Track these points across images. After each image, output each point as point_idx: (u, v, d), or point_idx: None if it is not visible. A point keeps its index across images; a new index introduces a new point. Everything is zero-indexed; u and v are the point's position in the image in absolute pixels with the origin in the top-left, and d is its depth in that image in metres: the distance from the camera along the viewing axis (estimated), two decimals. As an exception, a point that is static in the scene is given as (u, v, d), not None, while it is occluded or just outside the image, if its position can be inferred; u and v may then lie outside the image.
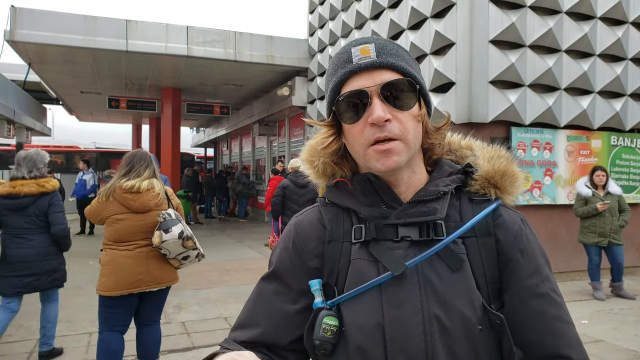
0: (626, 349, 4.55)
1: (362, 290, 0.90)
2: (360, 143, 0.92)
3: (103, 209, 3.42)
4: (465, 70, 6.67)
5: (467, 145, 1.07)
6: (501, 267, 0.93)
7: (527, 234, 0.96)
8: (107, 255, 3.42)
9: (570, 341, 0.90)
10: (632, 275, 7.77)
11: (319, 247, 0.98)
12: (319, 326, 0.90)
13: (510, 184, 0.98)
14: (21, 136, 15.35)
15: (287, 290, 0.99)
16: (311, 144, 1.08)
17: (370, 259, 0.93)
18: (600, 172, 6.36)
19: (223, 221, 16.28)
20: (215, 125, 21.55)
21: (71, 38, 9.28)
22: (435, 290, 0.89)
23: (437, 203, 0.93)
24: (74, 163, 19.28)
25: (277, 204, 6.26)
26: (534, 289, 0.92)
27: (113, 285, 3.32)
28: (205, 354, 4.14)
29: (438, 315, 0.87)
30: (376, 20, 8.78)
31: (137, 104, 14.24)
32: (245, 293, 6.57)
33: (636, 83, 7.67)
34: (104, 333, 3.38)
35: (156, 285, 3.47)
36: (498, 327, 0.88)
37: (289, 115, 13.62)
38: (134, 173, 3.42)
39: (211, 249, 10.30)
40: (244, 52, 10.60)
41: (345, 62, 0.93)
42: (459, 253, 0.91)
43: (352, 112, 0.92)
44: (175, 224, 3.39)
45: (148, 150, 3.89)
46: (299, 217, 1.06)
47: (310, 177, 1.10)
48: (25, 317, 5.44)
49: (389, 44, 0.94)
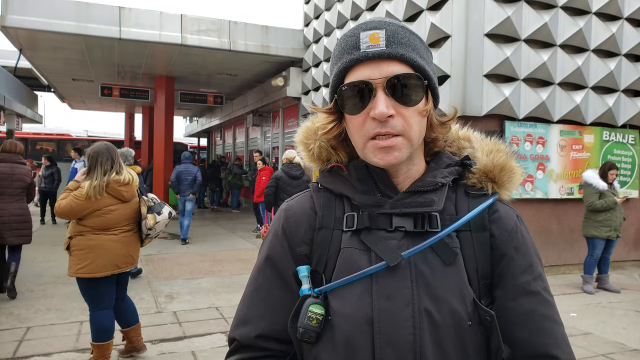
0: (614, 342, 4.61)
1: (354, 279, 0.88)
2: (360, 135, 0.90)
3: (92, 205, 3.52)
4: (460, 64, 6.66)
5: (465, 136, 1.05)
6: (494, 263, 0.92)
7: (522, 230, 0.95)
8: (90, 240, 3.55)
9: (559, 342, 0.89)
10: (620, 270, 7.86)
11: (309, 234, 0.96)
12: (304, 314, 0.88)
13: (508, 179, 0.97)
14: (12, 123, 15.21)
15: (282, 277, 0.96)
16: (308, 126, 1.05)
17: (362, 248, 0.90)
18: (615, 170, 6.41)
19: (216, 211, 16.25)
20: (209, 115, 21.43)
21: (63, 24, 9.15)
22: (427, 283, 0.87)
23: (435, 194, 0.91)
24: (66, 151, 19.11)
25: (270, 195, 6.26)
26: (526, 287, 0.90)
27: (100, 267, 3.54)
28: (197, 343, 4.14)
29: (428, 308, 0.85)
30: (372, 11, 8.74)
31: (130, 92, 14.11)
32: (237, 283, 6.60)
33: (629, 79, 7.71)
34: (95, 312, 3.63)
35: (132, 265, 3.80)
36: (488, 323, 0.87)
37: (283, 106, 13.56)
38: (117, 166, 3.65)
39: (203, 239, 10.30)
40: (238, 41, 10.52)
41: (352, 48, 0.88)
42: (453, 247, 0.89)
43: (355, 102, 0.88)
44: (163, 207, 3.82)
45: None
46: (289, 202, 1.03)
47: (304, 160, 1.07)
48: (15, 305, 5.42)
49: (401, 31, 0.88)
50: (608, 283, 6.54)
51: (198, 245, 9.48)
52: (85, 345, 4.24)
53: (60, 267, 7.36)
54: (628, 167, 7.98)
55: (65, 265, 7.42)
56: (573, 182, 7.49)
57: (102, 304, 3.64)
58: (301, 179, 6.29)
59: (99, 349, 3.62)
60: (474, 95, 6.65)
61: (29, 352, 4.15)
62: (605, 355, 4.29)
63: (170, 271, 7.07)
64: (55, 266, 7.44)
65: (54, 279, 6.68)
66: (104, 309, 3.65)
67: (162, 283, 6.40)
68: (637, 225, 8.15)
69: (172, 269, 7.21)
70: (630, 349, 4.45)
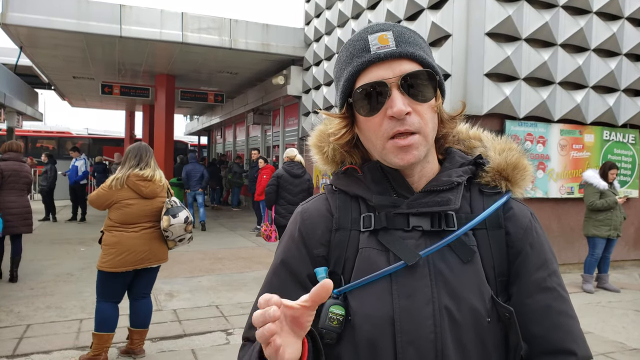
0: (613, 341, 4.62)
1: (373, 279, 0.89)
2: (378, 136, 0.90)
3: (114, 195, 3.79)
4: (461, 62, 6.66)
5: (475, 135, 1.06)
6: (510, 260, 0.93)
7: (537, 228, 0.96)
8: (114, 236, 3.78)
9: (575, 337, 0.90)
10: (620, 269, 7.87)
11: (326, 235, 0.96)
12: (325, 315, 0.88)
13: (522, 177, 0.98)
14: (12, 120, 15.21)
15: (297, 280, 0.96)
16: (321, 129, 1.06)
17: (380, 248, 0.91)
18: (615, 169, 6.42)
19: (216, 210, 16.25)
20: (210, 113, 21.41)
21: (64, 22, 9.14)
22: (446, 281, 0.88)
23: (451, 193, 0.92)
24: (66, 149, 19.12)
25: (271, 193, 6.25)
26: (542, 283, 0.92)
27: (120, 263, 3.73)
28: (197, 341, 4.14)
29: (448, 306, 0.86)
30: (373, 10, 8.73)
31: (130, 90, 14.10)
32: (237, 281, 6.60)
33: (630, 78, 7.70)
34: (101, 303, 3.81)
35: (155, 262, 3.94)
36: (506, 320, 0.88)
37: (284, 105, 13.55)
38: (143, 163, 3.87)
39: (204, 237, 10.30)
40: (239, 39, 10.51)
41: (362, 51, 0.89)
42: (470, 245, 0.90)
43: (371, 103, 0.89)
44: (181, 210, 3.92)
45: (142, 138, 4.15)
46: (305, 205, 1.04)
47: (318, 163, 1.07)
48: (15, 303, 5.43)
49: (406, 32, 0.91)
50: (608, 282, 6.55)
51: (198, 244, 9.48)
52: (85, 343, 4.25)
53: (60, 265, 7.38)
54: (628, 166, 7.98)
55: (64, 263, 7.49)
56: (573, 182, 7.49)
57: (111, 297, 3.83)
58: (302, 178, 6.28)
59: (99, 339, 3.78)
60: (475, 94, 6.65)
61: (28, 349, 4.15)
62: (605, 354, 4.29)
63: (171, 269, 7.07)
64: (55, 264, 7.45)
65: (54, 277, 6.69)
66: (111, 302, 3.83)
67: (162, 281, 6.40)
68: (637, 224, 8.15)
69: (172, 267, 7.21)
70: (630, 348, 4.46)
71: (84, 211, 12.55)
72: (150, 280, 4.07)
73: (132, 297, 4.01)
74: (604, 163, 6.57)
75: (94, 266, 4.09)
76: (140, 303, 4.01)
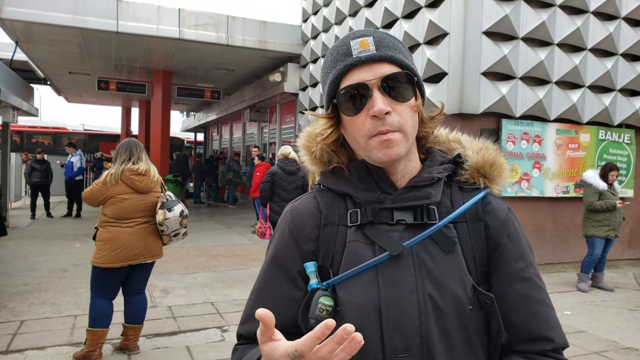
0: (607, 340, 4.64)
1: (360, 270, 0.93)
2: (361, 135, 0.96)
3: (108, 190, 3.77)
4: (458, 61, 6.66)
5: (455, 138, 1.12)
6: (490, 251, 0.98)
7: (514, 221, 1.02)
8: (108, 232, 3.77)
9: (552, 324, 0.95)
10: (615, 268, 7.91)
11: (315, 231, 1.01)
12: (315, 305, 0.92)
13: (498, 174, 1.04)
14: (7, 116, 15.07)
15: (288, 276, 1.00)
16: (309, 131, 1.11)
17: (366, 242, 0.96)
18: (616, 171, 6.43)
19: (212, 207, 16.24)
20: (206, 110, 21.36)
21: (60, 17, 9.10)
22: (429, 270, 0.92)
23: (432, 188, 0.98)
24: (62, 145, 19.03)
25: (266, 190, 6.25)
26: (520, 273, 0.97)
27: (115, 258, 3.72)
28: (192, 338, 4.14)
29: (432, 294, 0.91)
30: (370, 8, 8.72)
31: (126, 86, 14.07)
32: (232, 278, 6.60)
33: (626, 78, 7.73)
34: (96, 299, 3.81)
35: (150, 258, 3.92)
36: (487, 307, 0.92)
37: (281, 102, 13.53)
38: (135, 158, 3.85)
39: (199, 234, 10.29)
40: (236, 36, 10.49)
41: (345, 55, 0.95)
42: (451, 236, 0.95)
43: (354, 104, 0.95)
44: (176, 204, 3.90)
45: (137, 134, 4.15)
46: (294, 203, 1.09)
47: (306, 163, 1.12)
48: (9, 299, 5.41)
49: (386, 37, 0.97)
50: (602, 281, 6.57)
51: (194, 240, 9.47)
52: (79, 340, 4.23)
53: (54, 261, 7.35)
54: (623, 166, 8.01)
55: (58, 259, 7.46)
56: (569, 181, 7.52)
57: (105, 293, 3.82)
58: (297, 175, 6.28)
59: (93, 335, 3.78)
60: (472, 93, 6.65)
61: (22, 345, 4.14)
62: (599, 353, 4.32)
63: (166, 265, 7.06)
64: (49, 260, 7.42)
65: (49, 272, 6.67)
66: (106, 297, 3.83)
67: (157, 277, 6.39)
68: (632, 224, 8.18)
69: (168, 263, 7.20)
70: (624, 347, 4.48)
71: (79, 207, 12.51)
72: (145, 276, 4.05)
73: (127, 293, 3.99)
74: (605, 164, 6.58)
75: (88, 262, 4.07)
76: (135, 299, 4.00)
